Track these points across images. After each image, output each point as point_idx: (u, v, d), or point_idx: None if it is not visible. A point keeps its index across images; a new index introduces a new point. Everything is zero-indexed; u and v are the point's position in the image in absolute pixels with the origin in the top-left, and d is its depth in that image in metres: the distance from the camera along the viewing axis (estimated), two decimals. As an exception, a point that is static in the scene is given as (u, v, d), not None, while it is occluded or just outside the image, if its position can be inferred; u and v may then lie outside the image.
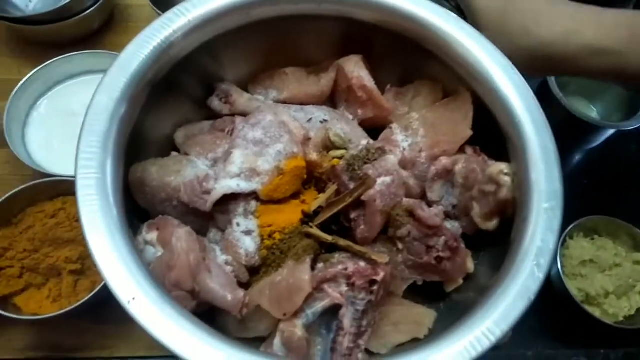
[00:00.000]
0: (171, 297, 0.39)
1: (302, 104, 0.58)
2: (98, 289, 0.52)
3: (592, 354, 0.55)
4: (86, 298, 0.51)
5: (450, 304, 0.52)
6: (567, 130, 0.64)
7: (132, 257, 0.39)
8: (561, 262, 0.56)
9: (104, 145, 0.43)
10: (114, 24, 0.76)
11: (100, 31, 0.74)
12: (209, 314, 0.46)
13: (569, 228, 0.58)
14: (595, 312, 0.55)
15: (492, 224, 0.50)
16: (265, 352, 0.43)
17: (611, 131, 0.66)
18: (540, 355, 0.55)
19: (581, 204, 0.66)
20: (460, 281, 0.51)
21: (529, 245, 0.42)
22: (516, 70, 0.50)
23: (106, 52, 0.67)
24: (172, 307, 0.38)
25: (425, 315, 0.49)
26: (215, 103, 0.58)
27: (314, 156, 0.52)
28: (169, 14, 0.49)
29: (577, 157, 0.71)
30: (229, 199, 0.48)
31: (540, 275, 0.40)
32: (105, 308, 0.55)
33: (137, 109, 0.47)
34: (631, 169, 0.69)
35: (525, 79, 0.50)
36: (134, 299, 0.37)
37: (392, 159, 0.49)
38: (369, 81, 0.55)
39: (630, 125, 0.63)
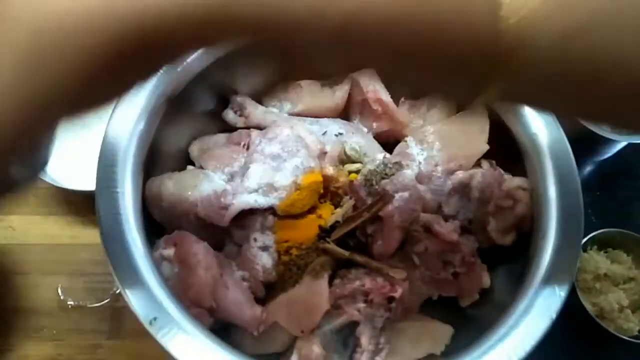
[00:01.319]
0: (190, 315, 0.39)
1: (316, 116, 0.58)
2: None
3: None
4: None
5: (465, 319, 0.52)
6: (578, 142, 0.64)
7: (152, 274, 0.39)
8: (575, 277, 0.56)
9: (123, 161, 0.43)
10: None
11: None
12: (225, 329, 0.46)
13: (583, 241, 0.58)
14: (610, 327, 0.55)
15: (509, 239, 0.50)
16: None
17: (623, 143, 0.66)
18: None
19: (593, 215, 0.67)
20: (476, 296, 0.51)
21: (549, 263, 0.42)
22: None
23: (119, 63, 0.67)
24: (193, 326, 0.38)
25: (442, 331, 0.49)
26: (230, 116, 0.57)
27: (330, 170, 0.52)
28: (187, 29, 0.48)
29: (589, 169, 0.71)
30: (246, 214, 0.48)
31: (561, 294, 0.40)
32: (120, 323, 0.55)
33: (155, 123, 0.47)
34: (643, 182, 0.69)
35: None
36: (155, 319, 0.37)
37: (409, 174, 0.49)
38: (384, 94, 0.55)
39: (643, 138, 0.63)
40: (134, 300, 0.38)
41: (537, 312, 0.40)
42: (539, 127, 0.49)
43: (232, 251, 0.50)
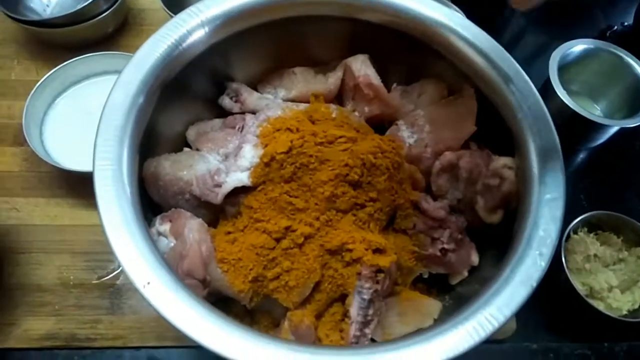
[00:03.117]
0: (184, 283, 0.41)
1: (310, 102, 0.60)
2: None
3: (596, 347, 0.56)
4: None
5: (455, 297, 0.53)
6: (571, 128, 0.65)
7: (147, 244, 0.41)
8: (565, 257, 0.57)
9: (120, 139, 0.44)
10: (128, 27, 0.78)
11: (115, 34, 0.77)
12: (217, 307, 0.47)
13: (573, 223, 0.59)
14: (600, 306, 0.56)
15: (496, 217, 0.52)
16: (274, 336, 0.44)
17: (615, 129, 0.67)
18: (545, 349, 0.56)
19: (585, 200, 0.68)
20: (465, 273, 0.53)
21: (531, 235, 0.43)
22: (519, 68, 0.51)
23: (121, 53, 0.69)
24: (185, 292, 0.39)
25: (431, 306, 0.50)
26: (226, 101, 0.59)
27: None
28: (183, 14, 0.50)
29: (582, 155, 0.72)
30: (239, 192, 0.49)
31: (542, 264, 0.41)
32: (119, 300, 0.57)
33: (151, 105, 0.48)
34: (634, 165, 0.70)
35: (530, 76, 0.51)
36: (148, 283, 0.39)
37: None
38: (375, 79, 0.57)
39: (633, 123, 0.64)
40: (129, 267, 0.39)
41: (518, 281, 0.41)
42: (525, 108, 0.50)
43: (226, 228, 0.52)
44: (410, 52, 0.57)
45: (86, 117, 0.66)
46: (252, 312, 0.50)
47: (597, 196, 0.68)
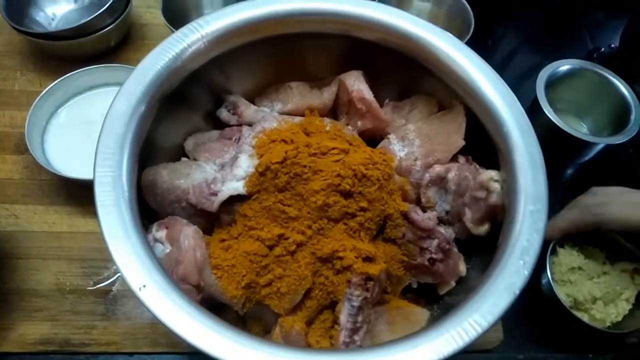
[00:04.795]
0: (179, 287, 0.42)
1: (305, 115, 0.61)
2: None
3: (580, 359, 0.57)
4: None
5: (443, 307, 0.54)
6: (558, 145, 0.67)
7: (144, 249, 0.42)
8: (551, 269, 0.59)
9: (121, 147, 0.46)
10: (130, 41, 0.81)
11: (117, 48, 0.79)
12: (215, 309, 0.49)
13: None
14: (584, 317, 0.57)
15: (483, 229, 0.53)
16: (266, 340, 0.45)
17: (600, 146, 0.69)
18: (531, 359, 0.57)
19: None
20: (453, 283, 0.54)
21: (515, 244, 0.44)
22: (506, 86, 0.53)
23: (122, 65, 0.71)
24: (180, 296, 0.40)
25: (419, 314, 0.52)
26: (223, 114, 0.61)
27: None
28: (184, 29, 0.53)
29: (569, 171, 0.74)
30: (234, 200, 0.51)
31: (525, 272, 0.43)
32: (114, 306, 0.58)
33: (152, 115, 0.50)
34: (620, 181, 0.72)
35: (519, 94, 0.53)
36: (144, 286, 0.40)
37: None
38: (368, 94, 0.59)
39: (618, 140, 0.66)
40: (126, 270, 0.40)
41: (502, 288, 0.42)
42: (511, 123, 0.52)
43: (221, 236, 0.53)
44: (402, 69, 0.60)
45: (87, 127, 0.67)
46: (244, 319, 0.52)
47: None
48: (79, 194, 0.64)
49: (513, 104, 0.53)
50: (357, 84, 0.59)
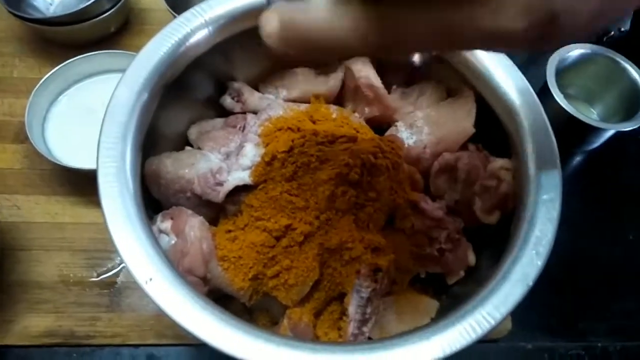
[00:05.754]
0: (186, 280, 0.41)
1: (311, 102, 0.60)
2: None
3: (589, 347, 0.57)
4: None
5: (452, 297, 0.54)
6: (568, 131, 0.66)
7: (149, 241, 0.41)
8: None
9: (124, 136, 0.45)
10: (129, 27, 0.79)
11: (117, 33, 0.77)
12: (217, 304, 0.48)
13: None
14: None
15: (493, 218, 0.52)
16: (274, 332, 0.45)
17: (611, 132, 0.67)
18: (540, 348, 0.57)
19: (581, 202, 0.69)
20: (462, 273, 0.53)
21: (527, 235, 0.43)
22: (518, 70, 0.52)
23: (123, 52, 0.69)
24: (187, 289, 0.40)
25: (428, 305, 0.51)
26: (227, 101, 0.60)
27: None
28: (187, 14, 0.51)
29: (578, 158, 0.73)
30: (240, 190, 0.50)
31: (538, 263, 0.42)
32: (118, 298, 0.58)
33: (154, 103, 0.49)
34: (630, 168, 0.71)
35: (528, 79, 0.52)
36: (151, 279, 0.39)
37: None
38: (375, 80, 0.57)
39: (629, 126, 0.65)
40: (132, 263, 0.39)
41: (514, 280, 0.41)
42: (523, 110, 0.51)
43: (226, 227, 0.52)
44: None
45: (88, 115, 0.66)
46: (251, 310, 0.51)
47: (593, 198, 0.69)
48: (81, 184, 0.63)
49: (525, 89, 0.51)
50: (364, 70, 0.58)
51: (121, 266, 0.59)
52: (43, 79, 0.65)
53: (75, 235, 0.61)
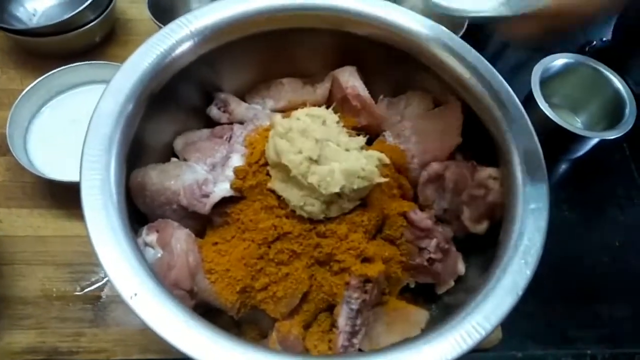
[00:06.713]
0: (172, 294, 0.40)
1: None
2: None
3: (579, 355, 0.57)
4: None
5: (442, 306, 0.54)
6: (553, 140, 0.66)
7: (134, 254, 0.40)
8: None
9: (108, 147, 0.44)
10: (115, 37, 0.78)
11: (102, 44, 0.76)
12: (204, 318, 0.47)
13: None
14: None
15: (481, 227, 0.52)
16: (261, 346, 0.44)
17: (595, 140, 0.68)
18: (530, 357, 0.57)
19: (568, 211, 0.69)
20: (452, 283, 0.53)
21: (516, 244, 0.44)
22: (503, 80, 0.53)
23: (107, 63, 0.68)
24: (173, 303, 0.39)
25: (418, 315, 0.50)
26: (214, 112, 0.59)
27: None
28: (172, 25, 0.51)
29: (564, 166, 0.74)
30: (227, 201, 0.49)
31: (527, 272, 0.42)
32: (103, 312, 0.56)
33: (139, 114, 0.48)
34: (614, 175, 0.72)
35: (512, 89, 0.52)
36: (135, 294, 0.38)
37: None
38: (362, 90, 0.57)
39: (613, 135, 0.66)
40: (116, 278, 0.39)
41: (504, 290, 0.41)
42: (509, 120, 0.51)
43: (213, 239, 0.52)
44: (397, 65, 0.58)
45: (71, 127, 0.65)
46: (239, 323, 0.50)
47: (578, 205, 0.69)
48: (64, 196, 0.62)
49: (511, 99, 0.52)
50: (351, 80, 0.58)
51: (106, 279, 0.58)
52: (25, 91, 0.64)
53: (58, 249, 0.59)
